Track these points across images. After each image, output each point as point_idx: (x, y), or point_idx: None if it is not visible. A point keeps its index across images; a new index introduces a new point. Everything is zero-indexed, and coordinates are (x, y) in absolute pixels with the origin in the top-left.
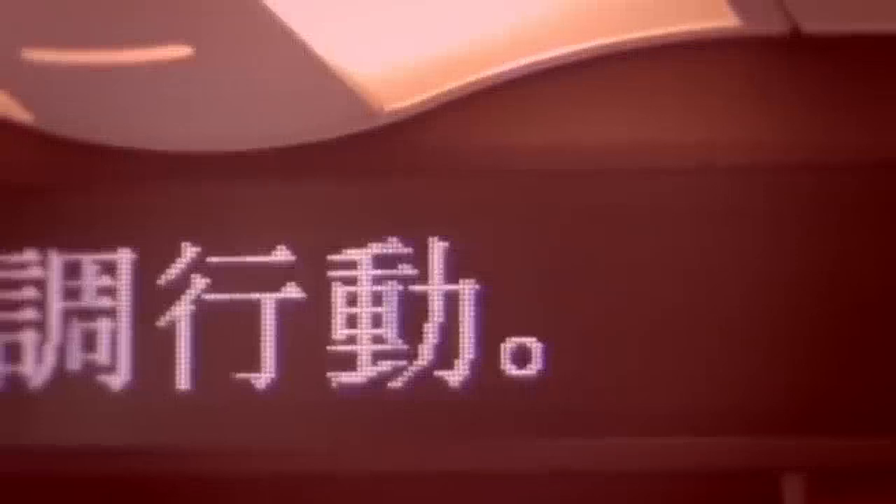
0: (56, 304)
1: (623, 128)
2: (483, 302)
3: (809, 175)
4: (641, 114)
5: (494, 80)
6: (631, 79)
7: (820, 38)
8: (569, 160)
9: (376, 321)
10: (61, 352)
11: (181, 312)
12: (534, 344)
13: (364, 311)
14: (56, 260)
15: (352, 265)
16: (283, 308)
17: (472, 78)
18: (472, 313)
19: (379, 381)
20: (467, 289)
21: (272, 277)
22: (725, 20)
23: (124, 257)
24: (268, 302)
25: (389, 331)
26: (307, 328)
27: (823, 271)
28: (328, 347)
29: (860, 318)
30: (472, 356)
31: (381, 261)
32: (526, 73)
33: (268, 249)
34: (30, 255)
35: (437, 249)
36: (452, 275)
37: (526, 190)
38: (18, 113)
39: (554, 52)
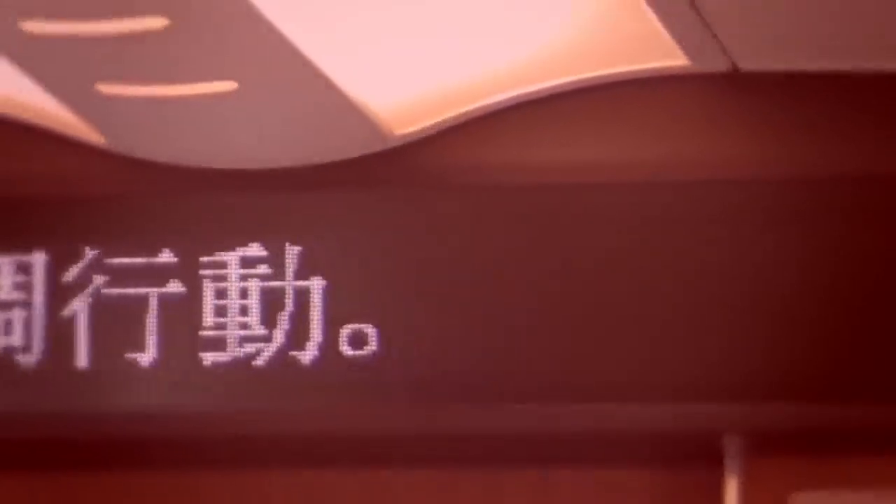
0: None
1: (590, 148)
2: (328, 295)
3: (744, 188)
4: (607, 136)
5: (485, 109)
6: (600, 108)
7: (755, 74)
8: (534, 177)
9: (242, 311)
10: None
11: (82, 304)
12: (369, 329)
13: (231, 302)
14: None
15: (221, 265)
16: (165, 300)
17: (465, 108)
18: (319, 304)
19: (243, 360)
20: (316, 284)
21: (156, 275)
22: (678, 60)
23: (38, 258)
24: (152, 295)
25: (252, 319)
26: (184, 317)
27: (752, 262)
28: (201, 332)
29: (789, 301)
30: (319, 339)
31: (245, 262)
32: (510, 105)
33: (154, 252)
34: None
35: (290, 252)
36: (304, 273)
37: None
38: (89, 135)
39: (534, 86)
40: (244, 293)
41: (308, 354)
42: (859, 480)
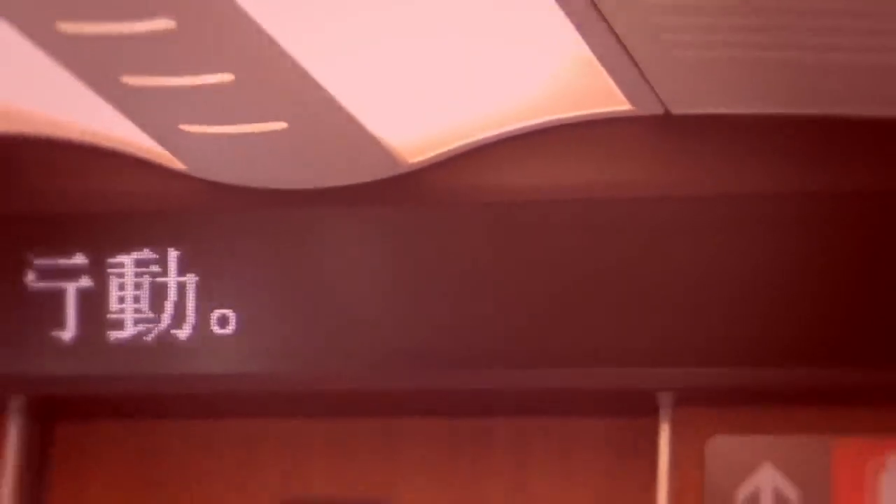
0: None
1: (557, 173)
2: (200, 288)
3: (672, 202)
4: (572, 164)
5: (478, 143)
6: (567, 141)
7: (682, 116)
8: (510, 195)
9: (136, 299)
10: None
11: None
12: (230, 313)
13: (129, 293)
14: None
15: (121, 265)
16: (80, 292)
17: (464, 142)
18: (193, 295)
19: (138, 336)
20: (190, 280)
21: (73, 272)
22: (624, 105)
23: None
24: (70, 288)
25: (144, 305)
26: (94, 303)
27: (678, 261)
28: (107, 315)
29: (707, 290)
30: (193, 321)
31: (139, 262)
32: (497, 140)
33: (70, 255)
34: None
35: (172, 256)
36: (183, 271)
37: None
38: (172, 161)
39: (518, 124)
40: (138, 286)
41: (185, 332)
42: (764, 427)
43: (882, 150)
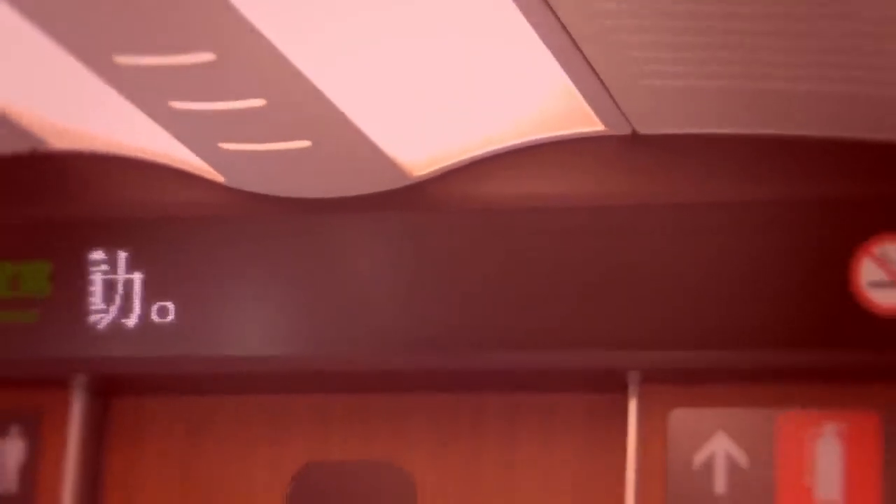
0: None
1: (539, 184)
2: (145, 283)
3: (635, 209)
4: (554, 176)
5: (472, 159)
6: (550, 157)
7: (647, 136)
8: (484, 205)
9: (91, 293)
10: None
11: None
12: (170, 305)
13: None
14: None
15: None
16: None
17: (460, 159)
18: (139, 289)
19: (91, 325)
20: (136, 277)
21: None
22: (598, 126)
23: None
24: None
25: (96, 299)
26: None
27: (643, 259)
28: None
29: (670, 284)
30: (138, 311)
31: (92, 262)
32: (491, 156)
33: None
34: None
35: (121, 257)
36: (130, 269)
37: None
38: (213, 174)
39: (508, 143)
40: (91, 282)
41: (131, 321)
42: (718, 401)
43: (826, 165)
